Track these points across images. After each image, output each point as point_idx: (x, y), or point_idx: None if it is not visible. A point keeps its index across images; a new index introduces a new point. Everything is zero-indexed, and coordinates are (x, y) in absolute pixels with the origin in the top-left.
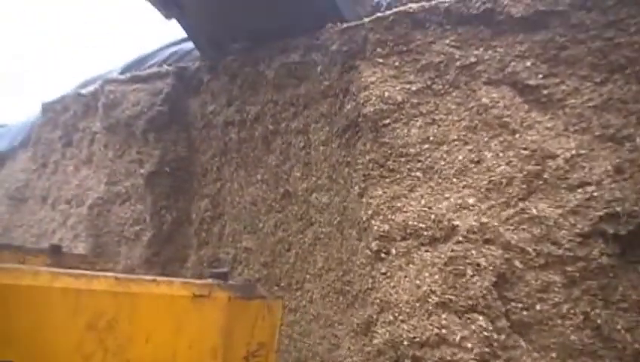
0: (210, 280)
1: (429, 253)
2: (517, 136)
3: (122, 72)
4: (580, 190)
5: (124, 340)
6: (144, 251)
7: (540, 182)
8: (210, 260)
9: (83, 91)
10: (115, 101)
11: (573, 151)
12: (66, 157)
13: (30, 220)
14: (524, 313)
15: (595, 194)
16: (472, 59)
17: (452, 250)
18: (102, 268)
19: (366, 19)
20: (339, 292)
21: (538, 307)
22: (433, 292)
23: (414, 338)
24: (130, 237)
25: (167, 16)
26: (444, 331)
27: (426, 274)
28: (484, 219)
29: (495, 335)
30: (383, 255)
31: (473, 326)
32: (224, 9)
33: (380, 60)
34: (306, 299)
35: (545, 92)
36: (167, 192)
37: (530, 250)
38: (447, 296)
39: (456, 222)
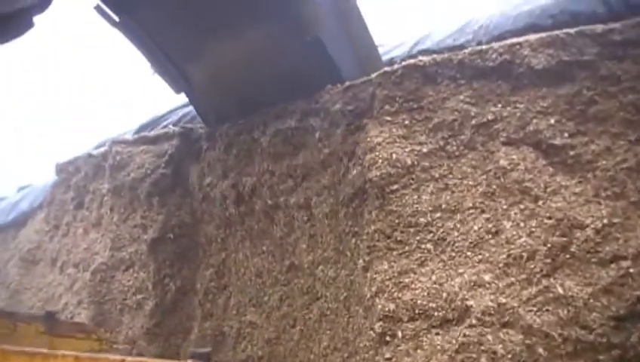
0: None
1: (439, 337)
2: (540, 203)
3: (136, 133)
4: (613, 265)
5: None
6: (146, 321)
7: (567, 256)
8: (215, 333)
9: (94, 152)
10: (121, 163)
11: (605, 221)
12: (77, 220)
13: (40, 283)
14: None
15: (632, 270)
16: (490, 117)
17: (464, 335)
18: (99, 338)
19: (373, 75)
20: None
21: None
22: None
23: None
24: (132, 306)
25: (177, 91)
26: None
27: None
28: (501, 299)
29: None
30: (387, 338)
31: None
32: (230, 81)
33: (388, 118)
34: None
35: (572, 153)
36: (171, 260)
37: (555, 335)
38: None
39: (470, 302)
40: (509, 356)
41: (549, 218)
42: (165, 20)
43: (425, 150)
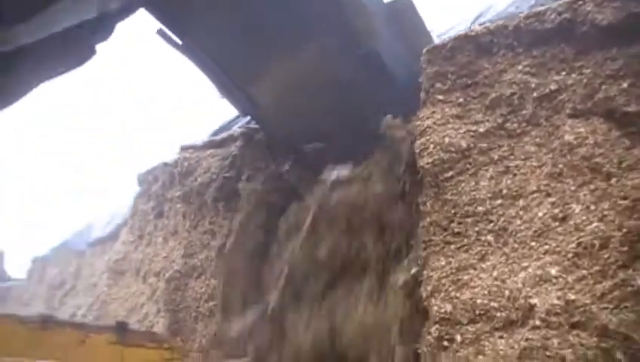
0: None
1: (502, 341)
2: (613, 181)
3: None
4: None
5: None
6: (218, 329)
7: None
8: None
9: (169, 160)
10: (189, 168)
11: None
12: (158, 229)
13: (126, 293)
14: None
15: None
16: (553, 87)
17: (526, 339)
18: (170, 347)
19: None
20: None
21: None
22: None
23: None
24: (205, 313)
25: (244, 114)
26: None
27: None
28: (570, 296)
29: None
30: (445, 343)
31: None
32: (291, 102)
33: (440, 98)
34: None
35: None
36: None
37: (636, 337)
38: None
39: (534, 300)
40: None
41: (624, 198)
42: (226, 42)
43: (482, 130)
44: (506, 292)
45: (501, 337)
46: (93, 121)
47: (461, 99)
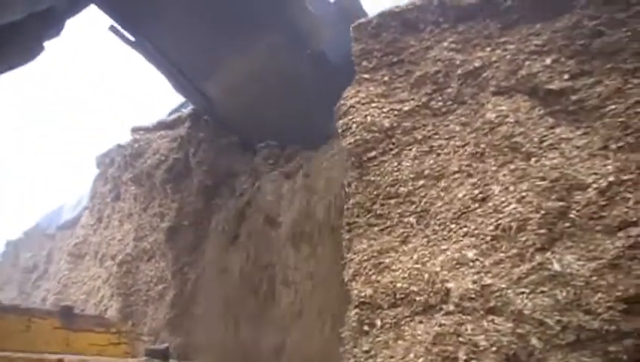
0: (139, 359)
1: (422, 326)
2: (533, 161)
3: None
4: (621, 233)
5: None
6: (167, 312)
7: (565, 225)
8: None
9: (123, 142)
10: (139, 150)
11: (612, 178)
12: (115, 211)
13: (85, 277)
14: None
15: None
16: (477, 64)
17: (440, 324)
18: (118, 331)
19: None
20: None
21: None
22: None
23: None
24: (155, 296)
25: (197, 108)
26: None
27: (412, 356)
28: (487, 280)
29: None
30: (366, 327)
31: None
32: (250, 105)
33: (366, 76)
34: None
35: (574, 97)
36: (189, 248)
37: (552, 322)
38: None
39: (450, 284)
40: (494, 349)
41: (543, 178)
42: (179, 39)
43: (406, 109)
44: (426, 276)
45: (420, 322)
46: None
47: (386, 78)
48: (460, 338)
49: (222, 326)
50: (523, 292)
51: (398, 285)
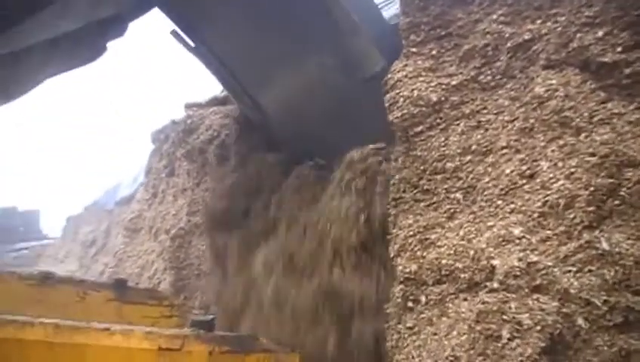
0: (185, 330)
1: (466, 303)
2: (582, 136)
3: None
4: None
5: None
6: (217, 286)
7: (615, 203)
8: None
9: (177, 118)
10: (192, 126)
11: None
12: (170, 186)
13: (140, 251)
14: None
15: None
16: (527, 37)
17: (483, 302)
18: (170, 304)
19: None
20: None
21: None
22: (457, 359)
23: None
24: (206, 271)
25: (254, 119)
26: None
27: (455, 333)
28: (532, 257)
29: None
30: (410, 304)
31: None
32: (302, 122)
33: (414, 50)
34: None
35: (627, 71)
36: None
37: (598, 302)
38: None
39: (495, 262)
40: (538, 328)
41: (593, 154)
42: (236, 48)
43: (454, 83)
44: (471, 253)
45: (464, 299)
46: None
47: (434, 51)
48: (504, 317)
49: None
50: (570, 271)
51: (444, 261)
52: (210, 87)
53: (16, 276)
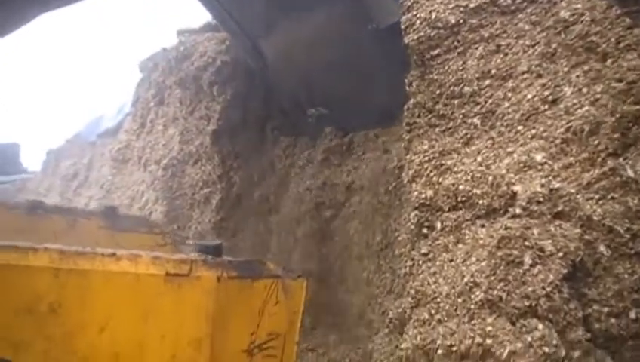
0: (192, 255)
1: (483, 230)
2: (609, 62)
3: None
4: None
5: (72, 327)
6: (213, 216)
7: None
8: None
9: (168, 46)
10: (185, 53)
11: None
12: (159, 116)
13: (129, 182)
14: (613, 321)
15: None
16: None
17: (506, 227)
18: (162, 233)
19: None
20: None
21: (633, 314)
22: (477, 285)
23: (451, 346)
24: (200, 200)
25: (254, 65)
26: (488, 341)
27: (474, 259)
28: (555, 184)
29: (563, 352)
30: (425, 230)
31: (529, 337)
32: (303, 71)
33: None
34: None
35: None
36: (235, 152)
37: (621, 229)
38: (495, 293)
39: (517, 188)
40: (560, 254)
41: (620, 80)
42: None
43: (473, 5)
44: (490, 179)
45: (482, 226)
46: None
47: None
48: (526, 243)
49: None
50: (592, 198)
51: (460, 187)
52: (201, 14)
53: (4, 206)
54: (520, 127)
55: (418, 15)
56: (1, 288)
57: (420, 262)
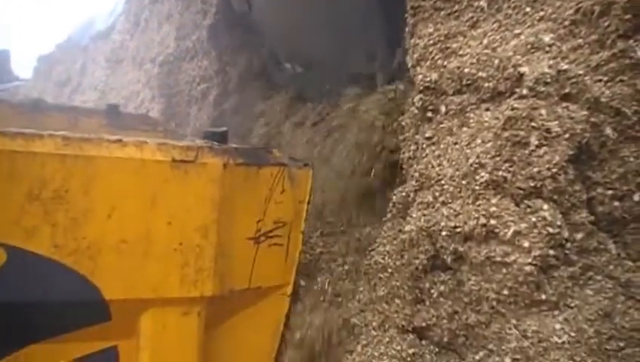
0: (198, 142)
1: (488, 113)
2: None
3: None
4: None
5: (79, 214)
6: (210, 112)
7: None
8: None
9: None
10: None
11: None
12: (153, 14)
13: (123, 82)
14: (616, 204)
15: None
16: None
17: (512, 108)
18: (164, 130)
19: None
20: None
21: (637, 197)
22: (482, 166)
23: (455, 227)
24: (198, 96)
25: (237, 7)
26: (493, 221)
27: (479, 141)
28: (563, 65)
29: (566, 233)
30: (429, 114)
31: (533, 218)
32: (291, 22)
33: None
34: None
35: None
36: (233, 45)
37: (629, 112)
38: (500, 173)
39: (524, 69)
40: (567, 135)
41: None
42: None
43: None
44: (496, 62)
45: (487, 109)
46: None
47: None
48: (533, 123)
49: None
50: (601, 80)
51: (466, 70)
52: None
53: (6, 104)
54: (528, 9)
55: None
56: (8, 174)
57: (424, 146)
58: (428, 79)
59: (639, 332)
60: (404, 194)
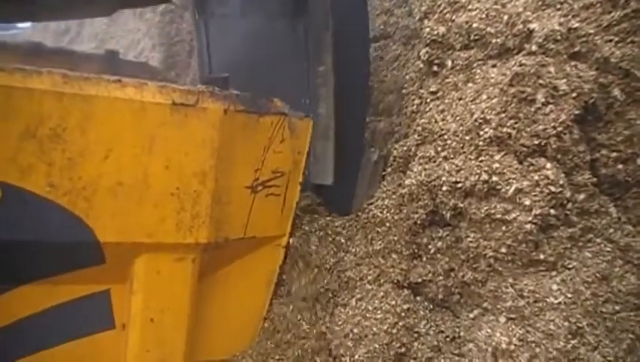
0: (199, 87)
1: (495, 70)
2: None
3: None
4: None
5: (75, 154)
6: None
7: None
8: None
9: None
10: None
11: None
12: None
13: (123, 31)
14: (620, 166)
15: None
16: None
17: (520, 64)
18: (163, 78)
19: None
20: None
21: None
22: (487, 122)
23: (456, 182)
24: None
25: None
26: (495, 178)
27: (484, 97)
28: (574, 23)
29: (568, 193)
30: (435, 68)
31: (536, 176)
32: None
33: None
34: None
35: None
36: None
37: (638, 74)
38: (504, 130)
39: (533, 25)
40: (574, 95)
41: None
42: None
43: None
44: (505, 17)
45: (494, 65)
46: None
47: None
48: (540, 81)
49: None
50: (611, 40)
51: (474, 25)
52: None
53: (3, 47)
54: None
55: None
56: (4, 110)
57: (428, 100)
58: (435, 33)
59: (635, 297)
60: (405, 148)
